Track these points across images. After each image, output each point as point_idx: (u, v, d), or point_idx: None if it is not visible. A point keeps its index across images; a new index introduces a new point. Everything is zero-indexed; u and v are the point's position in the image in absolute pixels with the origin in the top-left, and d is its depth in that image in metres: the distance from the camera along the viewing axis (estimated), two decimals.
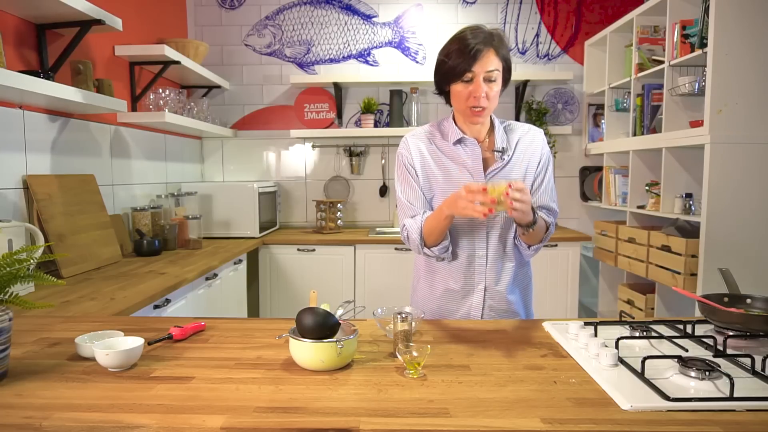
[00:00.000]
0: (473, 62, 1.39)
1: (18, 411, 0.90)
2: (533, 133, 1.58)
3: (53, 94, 1.97)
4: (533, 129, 1.60)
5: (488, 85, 1.42)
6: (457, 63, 1.41)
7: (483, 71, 1.40)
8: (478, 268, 1.54)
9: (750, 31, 2.40)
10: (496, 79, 1.42)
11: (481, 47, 1.39)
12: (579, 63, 3.94)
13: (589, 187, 3.94)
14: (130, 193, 2.99)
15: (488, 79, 1.41)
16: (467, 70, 1.40)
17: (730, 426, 0.85)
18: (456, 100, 1.48)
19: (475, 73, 1.40)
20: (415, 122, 3.92)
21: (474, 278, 1.55)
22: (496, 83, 1.43)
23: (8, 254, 1.05)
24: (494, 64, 1.41)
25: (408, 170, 1.56)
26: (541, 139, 1.58)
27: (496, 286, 1.55)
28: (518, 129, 1.58)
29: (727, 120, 2.43)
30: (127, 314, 1.72)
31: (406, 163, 1.57)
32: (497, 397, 0.96)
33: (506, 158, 1.52)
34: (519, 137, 1.56)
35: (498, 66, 1.42)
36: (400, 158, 1.58)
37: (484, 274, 1.54)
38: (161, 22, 3.44)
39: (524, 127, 1.60)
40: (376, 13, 3.95)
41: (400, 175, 1.59)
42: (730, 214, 2.46)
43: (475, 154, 1.52)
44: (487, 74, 1.40)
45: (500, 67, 1.43)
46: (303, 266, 3.50)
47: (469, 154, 1.53)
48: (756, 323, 1.21)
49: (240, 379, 1.04)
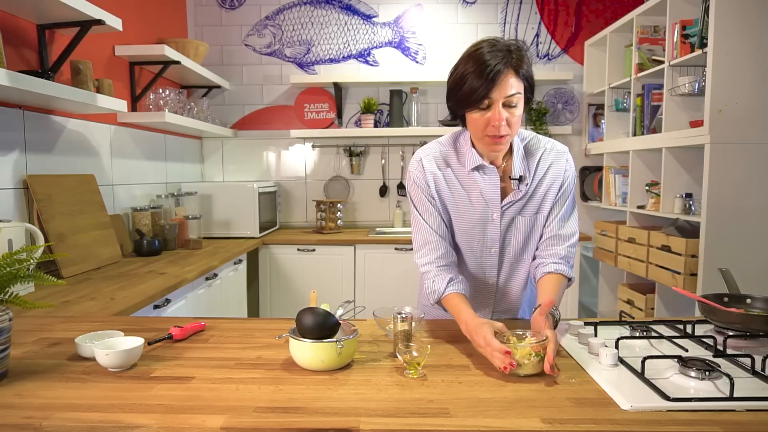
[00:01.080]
0: (491, 87, 1.22)
1: (18, 411, 0.90)
2: (555, 154, 1.42)
3: (53, 94, 1.97)
4: (556, 148, 1.43)
5: (509, 111, 1.26)
6: (472, 88, 1.24)
7: (502, 97, 1.24)
8: (487, 294, 1.51)
9: (750, 31, 2.40)
10: (517, 105, 1.27)
11: (501, 68, 1.22)
12: (579, 63, 3.94)
13: (589, 187, 3.94)
14: (130, 193, 2.99)
15: (508, 104, 1.26)
16: (485, 97, 1.24)
17: (730, 426, 0.85)
18: (473, 128, 1.32)
19: (493, 100, 1.24)
20: (415, 122, 3.92)
21: (483, 303, 1.52)
22: (518, 108, 1.27)
23: (8, 254, 1.05)
24: (515, 87, 1.24)
25: (423, 192, 1.43)
26: (564, 160, 1.42)
27: (505, 310, 1.52)
28: (539, 150, 1.42)
29: (727, 120, 2.43)
30: (127, 314, 1.72)
31: (420, 186, 1.43)
32: (497, 397, 0.96)
33: (523, 189, 1.39)
34: (539, 158, 1.41)
35: (519, 88, 1.26)
36: (413, 180, 1.44)
37: (493, 299, 1.51)
38: (161, 22, 3.44)
39: (546, 146, 1.43)
40: (376, 13, 3.95)
41: (415, 196, 1.45)
42: (730, 214, 2.45)
43: (493, 183, 1.39)
44: (507, 99, 1.24)
45: (521, 89, 1.27)
46: (303, 266, 3.50)
47: (487, 182, 1.39)
48: (756, 323, 1.21)
49: (240, 379, 1.04)
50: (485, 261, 1.47)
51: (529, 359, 1.03)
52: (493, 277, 1.49)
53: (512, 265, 1.48)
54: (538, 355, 1.03)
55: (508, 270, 1.48)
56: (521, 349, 1.04)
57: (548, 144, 1.44)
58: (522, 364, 1.03)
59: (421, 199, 1.43)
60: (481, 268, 1.48)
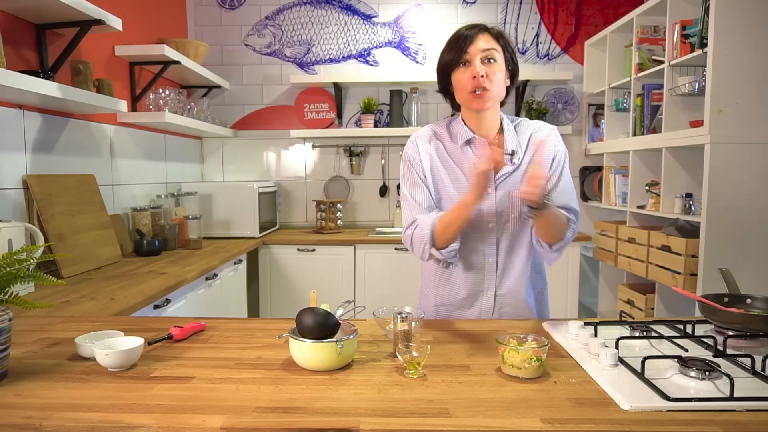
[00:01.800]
0: (466, 44, 1.37)
1: (18, 411, 0.90)
2: (545, 130, 1.51)
3: (53, 94, 1.97)
4: (545, 126, 1.52)
5: (487, 65, 1.37)
6: (450, 50, 1.40)
7: (479, 51, 1.37)
8: (488, 274, 1.51)
9: (750, 31, 2.40)
10: (495, 60, 1.38)
11: (474, 32, 1.38)
12: (579, 63, 3.94)
13: (589, 187, 3.94)
14: (130, 193, 2.99)
15: (486, 58, 1.37)
16: (463, 52, 1.37)
17: (730, 426, 0.85)
18: (458, 90, 1.43)
19: (471, 54, 1.37)
20: (415, 122, 3.92)
21: (484, 284, 1.52)
22: (498, 64, 1.38)
23: (8, 254, 1.05)
24: (491, 44, 1.38)
25: (416, 170, 1.50)
26: (553, 136, 1.50)
27: (508, 291, 1.51)
28: (529, 128, 1.51)
29: (727, 120, 2.43)
30: (127, 314, 1.72)
31: (414, 164, 1.51)
32: (497, 397, 0.96)
33: (516, 161, 1.46)
34: (530, 136, 1.50)
35: (495, 46, 1.38)
36: (407, 158, 1.52)
37: (495, 280, 1.51)
38: (161, 22, 3.44)
39: (535, 124, 1.53)
40: (376, 13, 3.95)
41: (407, 175, 1.52)
42: (730, 214, 2.45)
43: (485, 156, 1.47)
44: (484, 54, 1.37)
45: (499, 48, 1.39)
46: (303, 266, 3.50)
47: (479, 156, 1.45)
48: (756, 323, 1.21)
49: (240, 379, 1.04)
50: (484, 237, 1.49)
51: (530, 363, 1.03)
52: (493, 254, 1.50)
53: (512, 243, 1.50)
54: (539, 359, 1.03)
55: (507, 247, 1.50)
56: (522, 353, 1.03)
57: (537, 124, 1.54)
58: (522, 368, 1.03)
59: (413, 176, 1.51)
60: (481, 246, 1.49)
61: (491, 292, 1.52)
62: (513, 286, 1.52)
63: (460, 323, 1.43)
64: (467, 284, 1.52)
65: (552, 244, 1.44)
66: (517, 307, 1.53)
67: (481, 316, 1.53)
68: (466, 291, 1.53)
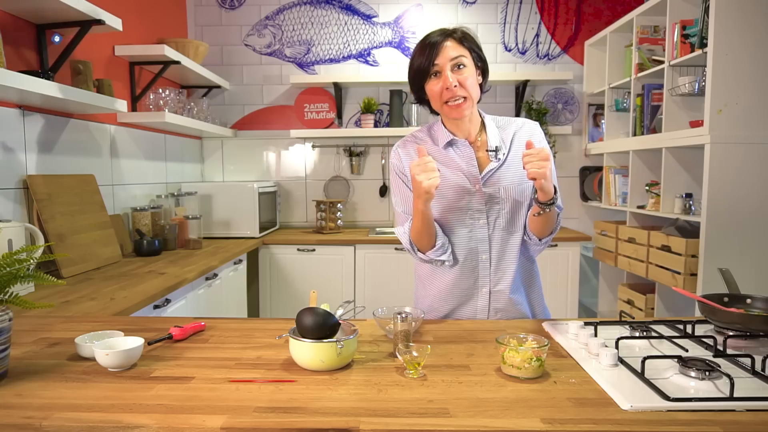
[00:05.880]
0: (434, 55, 1.38)
1: (18, 411, 0.90)
2: (528, 127, 1.53)
3: (53, 94, 1.97)
4: (528, 123, 1.54)
5: (457, 72, 1.39)
6: (419, 62, 1.41)
7: (447, 60, 1.38)
8: (482, 272, 1.52)
9: (750, 31, 2.40)
10: (465, 65, 1.40)
11: (439, 39, 1.39)
12: (579, 63, 3.94)
13: (589, 187, 3.94)
14: (130, 193, 2.99)
15: (456, 65, 1.39)
16: (431, 64, 1.39)
17: (730, 426, 0.85)
18: (433, 101, 1.45)
19: (440, 66, 1.39)
20: (415, 122, 3.92)
21: (478, 282, 1.52)
22: (467, 69, 1.40)
23: (8, 254, 1.05)
24: (458, 51, 1.39)
25: (400, 178, 1.54)
26: (537, 132, 1.53)
27: (502, 288, 1.52)
28: (512, 124, 1.54)
29: (727, 120, 2.43)
30: (127, 314, 1.72)
31: (398, 172, 1.55)
32: (497, 397, 0.96)
33: (501, 157, 1.48)
34: (514, 133, 1.52)
35: (462, 51, 1.40)
36: (391, 167, 1.57)
37: (489, 277, 1.52)
38: (161, 22, 3.44)
39: (518, 121, 1.55)
40: (376, 13, 3.95)
41: (393, 185, 1.58)
42: (730, 214, 2.45)
43: (468, 155, 1.49)
44: (452, 62, 1.38)
45: (467, 54, 1.40)
46: (303, 266, 3.50)
47: (461, 156, 1.49)
48: (756, 323, 1.21)
49: (240, 378, 1.04)
50: (476, 233, 1.50)
51: (530, 363, 1.03)
52: (486, 251, 1.51)
53: (503, 239, 1.51)
54: (539, 359, 1.03)
55: (499, 244, 1.51)
56: (522, 353, 1.03)
57: (519, 121, 1.56)
58: (522, 368, 1.03)
59: (398, 185, 1.55)
60: (473, 243, 1.51)
61: (486, 289, 1.53)
62: (507, 285, 1.52)
63: (460, 323, 1.44)
64: (461, 282, 1.53)
65: (541, 238, 1.48)
66: (512, 303, 1.54)
67: (477, 313, 1.54)
68: (461, 289, 1.54)
